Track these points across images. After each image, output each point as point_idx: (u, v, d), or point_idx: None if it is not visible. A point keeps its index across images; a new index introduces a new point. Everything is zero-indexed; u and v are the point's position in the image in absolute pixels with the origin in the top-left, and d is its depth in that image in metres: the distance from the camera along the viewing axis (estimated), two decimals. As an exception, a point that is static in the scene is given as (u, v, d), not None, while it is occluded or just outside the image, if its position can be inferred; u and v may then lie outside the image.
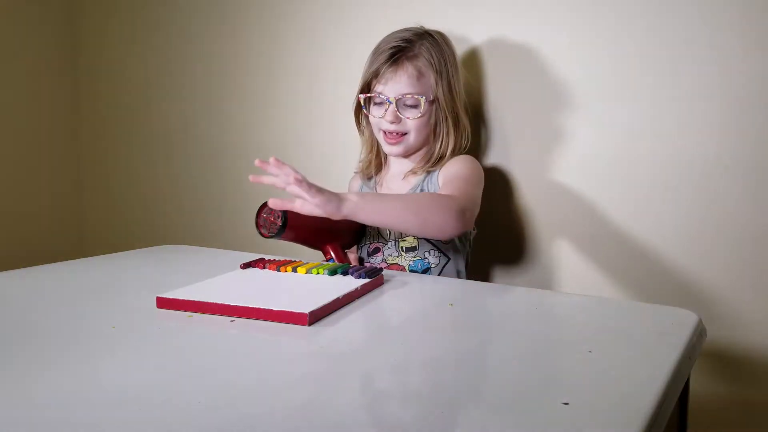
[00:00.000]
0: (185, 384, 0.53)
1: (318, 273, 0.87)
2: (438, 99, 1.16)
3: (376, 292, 0.84)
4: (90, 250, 1.93)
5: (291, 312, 0.68)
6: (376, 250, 1.19)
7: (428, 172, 1.20)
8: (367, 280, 0.83)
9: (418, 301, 0.85)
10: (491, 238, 1.29)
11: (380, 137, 1.20)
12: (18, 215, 1.78)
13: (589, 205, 1.20)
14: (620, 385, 0.53)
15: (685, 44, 1.09)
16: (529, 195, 1.26)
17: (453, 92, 1.17)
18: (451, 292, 0.90)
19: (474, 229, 1.21)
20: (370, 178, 1.27)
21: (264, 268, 0.91)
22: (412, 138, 1.17)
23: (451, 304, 0.80)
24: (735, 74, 1.06)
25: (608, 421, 0.46)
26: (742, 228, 1.07)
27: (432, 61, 1.15)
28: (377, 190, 1.26)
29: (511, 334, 0.69)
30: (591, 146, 1.19)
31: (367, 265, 1.14)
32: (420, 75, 1.15)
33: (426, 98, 1.14)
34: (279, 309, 0.69)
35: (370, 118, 1.20)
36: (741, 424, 1.09)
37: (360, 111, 1.24)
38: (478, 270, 1.29)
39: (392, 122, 1.15)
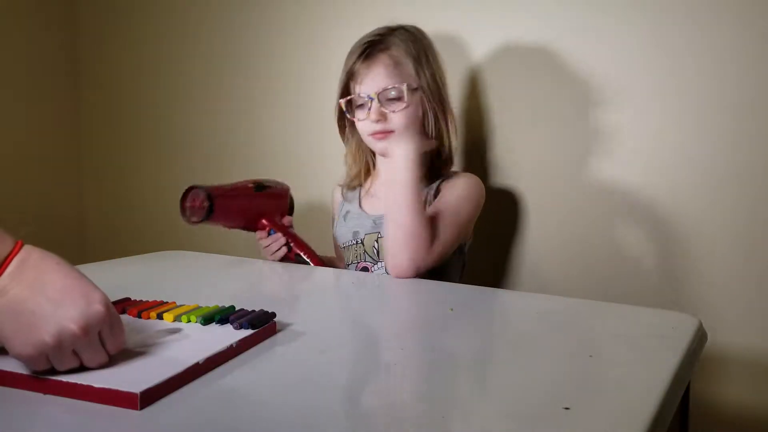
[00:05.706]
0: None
1: (189, 321, 0.65)
2: (423, 88, 1.08)
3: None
4: (91, 256, 1.93)
5: (117, 390, 0.48)
6: (365, 270, 1.13)
7: (431, 179, 1.12)
8: (249, 332, 0.62)
9: (419, 306, 0.85)
10: (489, 244, 1.29)
11: (369, 141, 1.12)
12: (18, 221, 1.78)
13: (588, 210, 1.20)
14: (621, 390, 0.53)
15: (690, 53, 1.10)
16: (527, 200, 1.26)
17: (438, 82, 1.10)
18: (451, 297, 0.90)
19: (470, 238, 1.15)
20: (354, 188, 1.20)
21: (123, 312, 0.68)
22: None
23: (452, 309, 0.80)
24: (734, 79, 1.06)
25: (609, 426, 0.46)
26: (743, 231, 1.07)
27: (408, 49, 1.09)
28: (362, 200, 1.18)
29: (512, 339, 0.69)
30: (590, 151, 1.20)
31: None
32: (396, 64, 1.08)
33: (408, 86, 1.07)
34: (101, 386, 0.48)
35: (356, 123, 1.12)
36: (742, 429, 1.09)
37: (343, 118, 1.16)
38: (475, 277, 1.27)
39: (378, 120, 1.07)
